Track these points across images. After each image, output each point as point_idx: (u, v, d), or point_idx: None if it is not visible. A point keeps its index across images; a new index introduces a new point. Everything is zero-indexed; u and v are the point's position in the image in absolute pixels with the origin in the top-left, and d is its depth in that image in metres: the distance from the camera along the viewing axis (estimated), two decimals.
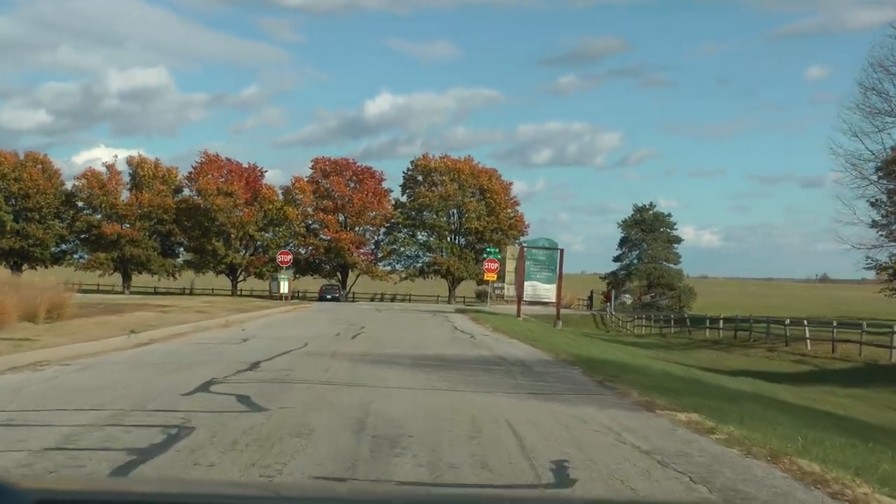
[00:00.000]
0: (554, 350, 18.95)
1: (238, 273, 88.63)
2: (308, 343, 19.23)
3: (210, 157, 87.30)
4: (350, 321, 30.92)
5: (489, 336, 24.47)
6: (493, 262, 51.90)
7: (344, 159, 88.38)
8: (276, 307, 42.22)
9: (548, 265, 41.83)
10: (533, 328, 31.76)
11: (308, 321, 30.37)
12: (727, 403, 11.65)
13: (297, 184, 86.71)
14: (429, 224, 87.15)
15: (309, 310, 45.47)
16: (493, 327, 29.21)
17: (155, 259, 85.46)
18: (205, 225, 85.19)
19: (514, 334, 25.04)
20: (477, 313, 42.58)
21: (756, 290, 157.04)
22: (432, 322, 32.81)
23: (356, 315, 38.40)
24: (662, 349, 39.78)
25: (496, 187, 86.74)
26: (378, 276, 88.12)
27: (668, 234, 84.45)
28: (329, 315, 36.82)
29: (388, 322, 31.65)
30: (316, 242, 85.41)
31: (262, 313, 33.74)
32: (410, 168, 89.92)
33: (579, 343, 24.77)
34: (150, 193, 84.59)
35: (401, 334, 23.96)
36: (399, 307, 61.19)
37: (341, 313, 39.85)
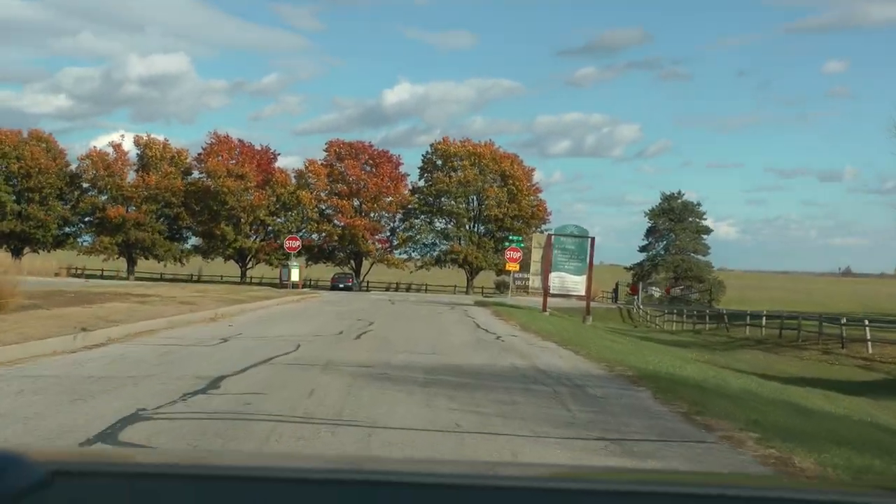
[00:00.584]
0: (603, 359, 15.36)
1: (248, 259, 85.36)
2: (301, 345, 15.72)
3: (220, 137, 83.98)
4: (358, 315, 27.41)
5: (518, 337, 20.86)
6: (516, 251, 48.27)
7: (360, 142, 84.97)
8: (280, 297, 38.76)
9: (577, 255, 38.18)
10: (565, 326, 28.16)
11: (311, 314, 26.85)
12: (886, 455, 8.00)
13: (311, 167, 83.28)
14: (447, 211, 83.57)
15: (317, 300, 42.00)
16: (519, 325, 25.63)
17: (161, 244, 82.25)
18: (214, 208, 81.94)
19: (546, 335, 21.46)
20: (498, 306, 39.00)
21: (779, 284, 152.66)
22: (451, 317, 29.24)
23: (367, 307, 34.90)
24: (703, 349, 36.09)
25: (518, 173, 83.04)
26: (393, 265, 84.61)
27: (697, 224, 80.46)
28: (337, 307, 33.33)
29: (401, 316, 28.09)
30: (329, 229, 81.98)
31: (261, 304, 30.26)
32: (430, 152, 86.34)
33: (624, 347, 21.12)
34: (157, 175, 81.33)
35: (414, 333, 20.40)
36: (414, 298, 57.72)
37: (351, 305, 36.36)
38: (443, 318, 28.47)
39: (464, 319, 27.91)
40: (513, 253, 48.33)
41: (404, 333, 20.06)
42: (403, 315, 29.08)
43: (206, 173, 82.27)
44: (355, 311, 29.85)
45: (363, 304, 37.64)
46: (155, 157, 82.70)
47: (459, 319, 27.64)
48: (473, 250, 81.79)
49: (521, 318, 29.52)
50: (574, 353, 16.58)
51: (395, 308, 35.23)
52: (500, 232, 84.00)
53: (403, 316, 28.22)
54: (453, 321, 26.50)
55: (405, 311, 32.96)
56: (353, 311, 30.58)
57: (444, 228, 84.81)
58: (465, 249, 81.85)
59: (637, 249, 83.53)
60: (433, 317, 28.72)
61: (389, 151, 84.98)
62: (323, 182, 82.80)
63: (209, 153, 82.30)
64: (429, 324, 24.23)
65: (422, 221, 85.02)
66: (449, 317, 29.29)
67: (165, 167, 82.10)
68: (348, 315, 27.11)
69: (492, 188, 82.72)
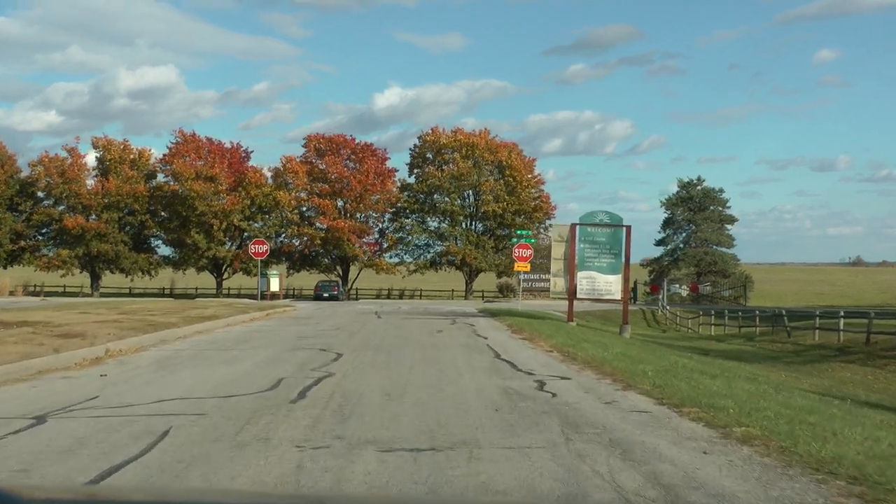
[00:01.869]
0: (770, 436, 7.45)
1: (223, 270, 77.26)
2: (154, 443, 7.79)
3: (186, 136, 75.92)
4: (326, 340, 19.52)
5: (571, 379, 12.73)
6: (526, 248, 40.37)
7: (341, 135, 76.82)
8: (236, 314, 30.78)
9: (609, 248, 30.21)
10: (615, 345, 20.22)
11: (255, 344, 18.86)
12: None
13: (289, 165, 75.19)
14: (440, 208, 75.57)
15: (285, 316, 34.03)
16: (555, 349, 17.69)
17: (126, 255, 74.05)
18: (182, 214, 73.91)
19: (606, 366, 13.54)
20: (511, 316, 31.06)
21: (790, 276, 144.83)
22: (454, 339, 21.28)
23: (344, 324, 26.97)
24: (774, 363, 28.16)
25: (517, 164, 75.10)
26: (383, 270, 76.55)
27: (720, 213, 72.40)
28: (303, 327, 25.40)
29: (384, 343, 20.09)
30: (311, 232, 73.89)
31: (196, 329, 22.29)
32: (418, 144, 78.40)
33: (730, 385, 13.00)
34: (117, 180, 73.19)
35: (399, 379, 12.42)
36: (408, 307, 49.71)
37: (324, 322, 28.42)
38: (443, 340, 20.46)
39: (473, 342, 19.93)
40: (521, 251, 40.41)
41: (383, 382, 12.06)
42: (388, 338, 21.08)
43: (171, 176, 74.24)
44: (324, 334, 21.90)
45: (341, 321, 29.68)
46: (115, 161, 74.61)
47: (467, 343, 19.62)
48: (472, 250, 73.79)
49: (549, 334, 21.60)
50: (707, 426, 8.54)
51: (381, 325, 27.24)
52: (501, 229, 76.10)
53: (388, 341, 20.18)
54: (459, 346, 18.51)
55: (393, 329, 24.99)
56: (322, 333, 22.61)
57: (438, 228, 76.82)
58: (463, 250, 73.87)
59: (654, 243, 75.44)
60: (430, 339, 20.72)
61: (374, 145, 77.01)
62: (302, 181, 74.77)
63: (174, 154, 74.25)
64: (424, 355, 16.20)
65: (413, 221, 76.99)
66: (451, 338, 21.30)
67: (126, 171, 73.97)
68: (311, 342, 19.16)
69: (488, 181, 74.80)
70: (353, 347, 17.81)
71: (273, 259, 76.67)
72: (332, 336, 21.26)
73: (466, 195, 76.72)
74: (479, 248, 74.42)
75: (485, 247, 74.68)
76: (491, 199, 74.08)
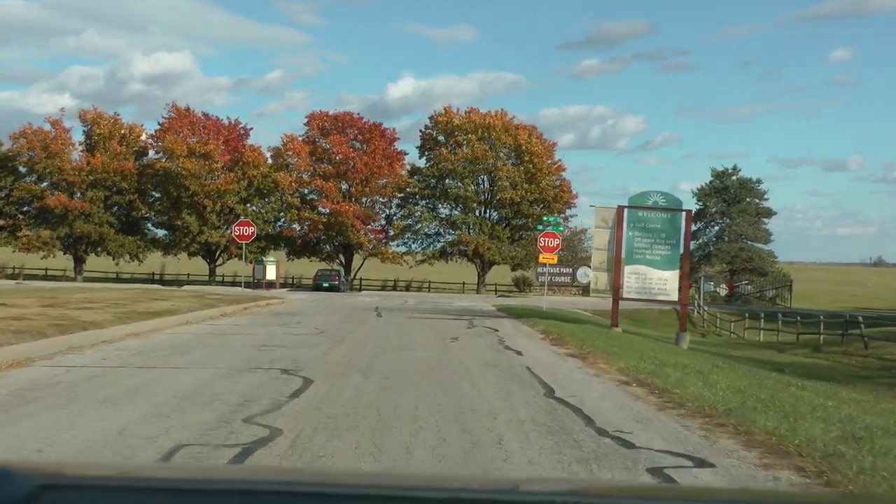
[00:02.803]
0: None
1: (216, 255, 71.73)
2: None
3: (180, 110, 70.24)
4: (295, 356, 13.92)
5: (701, 459, 7.14)
6: (553, 237, 34.75)
7: (347, 113, 71.08)
8: (209, 308, 25.21)
9: (665, 237, 24.52)
10: (704, 368, 14.54)
11: (189, 361, 13.15)
12: None
13: (290, 144, 69.51)
14: (452, 194, 69.82)
15: (268, 310, 28.45)
16: (627, 374, 11.99)
17: (112, 238, 68.53)
18: (174, 195, 68.39)
19: (750, 425, 7.89)
20: (540, 319, 25.37)
21: (815, 276, 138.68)
22: (473, 350, 15.63)
23: (331, 327, 21.37)
24: (875, 385, 22.43)
25: (537, 148, 69.25)
26: (389, 259, 70.88)
27: (756, 205, 66.47)
28: (275, 330, 19.80)
29: (380, 357, 14.41)
30: (313, 217, 68.22)
31: (134, 329, 16.69)
32: (429, 125, 72.57)
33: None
34: (105, 156, 67.66)
35: (395, 456, 6.71)
36: (414, 301, 44.11)
37: (305, 324, 22.79)
38: (462, 357, 14.74)
39: (505, 360, 14.22)
40: (548, 240, 34.77)
41: (364, 463, 6.36)
42: (386, 350, 15.39)
43: (163, 152, 68.68)
44: (301, 342, 16.27)
45: (331, 320, 24.06)
46: (103, 136, 69.09)
47: (496, 362, 13.91)
48: (485, 241, 68.04)
49: (604, 349, 15.94)
50: None
51: (379, 328, 21.58)
52: (517, 219, 70.36)
53: (384, 357, 14.43)
54: (486, 369, 12.81)
55: (394, 334, 19.33)
56: (299, 339, 16.99)
57: (450, 215, 71.07)
58: (476, 240, 68.13)
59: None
60: (442, 354, 15.02)
61: (382, 125, 71.19)
62: (304, 161, 69.11)
63: (167, 129, 68.67)
64: (436, 391, 10.41)
65: (422, 207, 71.27)
66: (473, 352, 15.60)
67: (115, 146, 68.42)
68: (276, 355, 13.54)
69: (505, 166, 69.02)
70: (331, 368, 12.16)
71: (271, 245, 71.27)
72: (309, 345, 15.64)
73: (481, 181, 70.99)
74: (493, 239, 68.72)
75: (499, 237, 68.97)
76: (507, 185, 68.32)
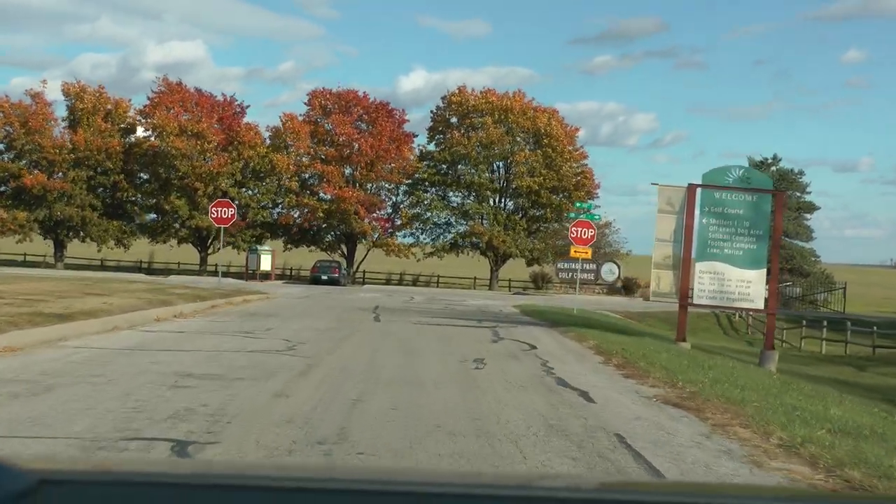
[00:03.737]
0: None
1: (208, 243, 66.26)
2: None
3: (171, 85, 64.76)
4: (221, 402, 8.32)
5: None
6: (587, 227, 29.17)
7: (352, 91, 65.41)
8: (161, 307, 19.69)
9: (749, 227, 18.86)
10: (858, 419, 8.89)
11: (20, 413, 7.53)
12: None
13: (289, 124, 63.92)
14: (465, 181, 64.20)
15: (238, 310, 22.88)
16: (801, 452, 6.37)
17: (95, 221, 63.10)
18: (162, 176, 62.97)
19: None
20: (583, 330, 19.76)
21: (845, 278, 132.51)
22: (511, 386, 10.08)
23: (309, 338, 15.82)
24: None
25: (557, 132, 63.57)
26: (395, 251, 65.29)
27: (797, 199, 60.66)
28: (231, 343, 14.28)
29: (365, 393, 8.77)
30: (313, 203, 62.64)
31: (35, 336, 11.17)
32: (441, 106, 66.87)
33: None
34: (88, 133, 62.23)
35: None
36: (421, 299, 38.56)
37: (281, 330, 17.22)
38: (492, 396, 9.06)
39: (561, 407, 8.54)
40: (582, 230, 29.16)
41: None
42: (377, 387, 9.71)
43: (151, 130, 63.24)
44: (242, 373, 10.70)
45: (313, 325, 18.48)
46: (87, 111, 63.66)
47: (549, 411, 8.22)
48: (500, 232, 62.41)
49: (698, 381, 10.35)
50: None
51: (374, 340, 15.96)
52: (535, 209, 64.72)
53: (372, 398, 8.76)
54: (537, 430, 7.16)
55: (391, 351, 13.71)
56: (242, 367, 11.39)
57: (462, 204, 65.45)
58: (490, 231, 62.51)
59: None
60: (462, 393, 9.34)
61: (390, 105, 65.58)
62: (304, 143, 63.55)
63: (156, 105, 63.20)
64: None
65: (432, 195, 65.64)
66: (506, 384, 9.94)
67: (100, 123, 62.96)
68: (184, 402, 7.98)
69: (523, 152, 63.34)
70: (272, 436, 6.57)
71: (267, 233, 65.81)
72: (260, 376, 10.09)
73: (496, 167, 65.36)
74: (508, 230, 63.10)
75: (515, 228, 63.33)
76: (525, 171, 62.67)
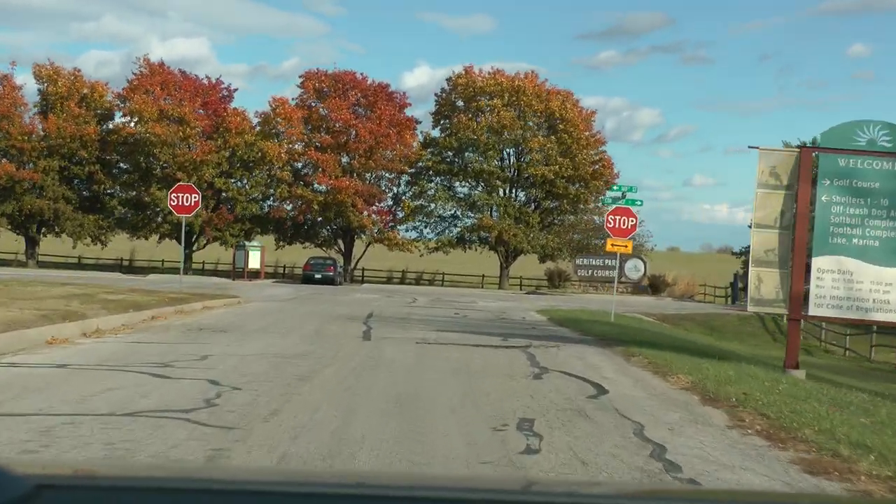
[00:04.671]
0: None
1: (193, 239, 60.87)
2: None
3: (152, 65, 59.38)
4: None
5: None
6: (628, 214, 23.82)
7: (349, 72, 59.93)
8: (84, 318, 14.29)
9: (890, 205, 13.60)
10: None
11: None
12: None
13: (280, 109, 58.47)
14: (473, 170, 58.76)
15: (177, 327, 17.35)
16: None
17: (69, 215, 57.77)
18: (142, 166, 57.67)
19: None
20: (648, 351, 14.33)
21: None
22: None
23: (245, 382, 10.36)
24: None
25: (573, 116, 58.13)
26: (397, 246, 59.84)
27: None
28: (101, 391, 8.68)
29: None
30: (307, 194, 57.21)
31: None
32: (446, 89, 61.40)
33: None
34: (60, 119, 56.91)
35: None
36: (425, 301, 33.13)
37: (220, 359, 11.73)
38: None
39: None
40: (621, 218, 23.79)
41: None
42: None
43: (130, 115, 57.89)
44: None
45: (270, 349, 12.99)
46: (60, 95, 58.35)
47: None
48: (511, 226, 56.96)
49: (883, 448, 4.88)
50: None
51: (353, 379, 10.46)
52: (549, 200, 59.29)
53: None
54: None
55: (377, 411, 8.30)
56: (98, 456, 5.97)
57: (470, 195, 59.99)
58: (500, 225, 57.07)
59: (748, 225, 58.08)
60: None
61: (390, 86, 60.12)
62: (297, 129, 58.14)
63: (135, 88, 57.83)
64: None
65: (437, 185, 60.19)
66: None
67: (74, 108, 57.61)
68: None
69: (536, 138, 57.86)
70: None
71: (257, 228, 60.45)
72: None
73: (506, 154, 59.91)
74: (520, 223, 57.67)
75: (528, 221, 57.90)
76: (539, 159, 57.21)
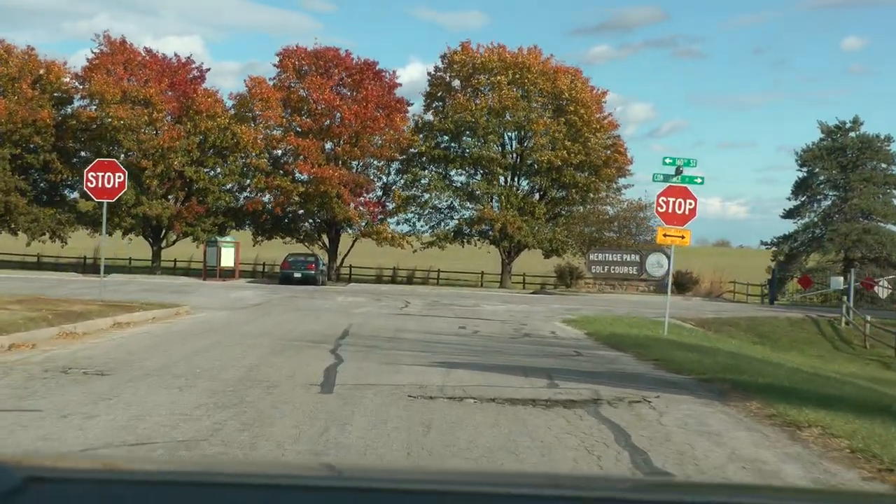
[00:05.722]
0: None
1: (162, 234, 55.06)
2: None
3: (114, 43, 53.44)
4: None
5: None
6: (686, 195, 18.16)
7: (331, 49, 54.07)
8: None
9: None
10: None
11: None
12: None
13: (256, 89, 52.55)
14: (471, 156, 52.98)
15: (43, 364, 11.61)
16: None
17: (22, 210, 51.88)
18: (103, 153, 51.64)
19: None
20: (778, 404, 8.54)
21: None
22: None
23: None
24: None
25: (583, 96, 52.36)
26: (387, 241, 53.94)
27: (884, 172, 49.49)
28: None
29: None
30: (286, 185, 51.29)
31: None
32: (441, 67, 55.60)
33: None
34: (12, 102, 51.02)
35: None
36: (420, 305, 27.35)
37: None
38: None
39: None
40: (677, 201, 18.17)
41: None
42: None
43: (89, 97, 52.04)
44: None
45: (170, 413, 7.14)
46: (12, 76, 52.43)
47: None
48: (514, 217, 51.16)
49: None
50: None
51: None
52: (556, 189, 53.57)
53: None
54: None
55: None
56: None
57: (468, 184, 54.19)
58: (501, 216, 51.28)
59: (780, 216, 52.31)
60: None
61: (378, 65, 54.18)
62: (276, 112, 52.22)
63: (95, 67, 51.93)
64: None
65: (431, 173, 54.33)
66: None
67: (26, 90, 51.69)
68: None
69: (542, 119, 52.06)
70: None
71: (233, 222, 54.66)
72: None
73: (509, 138, 54.15)
74: (524, 215, 51.91)
75: (533, 213, 52.12)
76: (546, 143, 51.43)
